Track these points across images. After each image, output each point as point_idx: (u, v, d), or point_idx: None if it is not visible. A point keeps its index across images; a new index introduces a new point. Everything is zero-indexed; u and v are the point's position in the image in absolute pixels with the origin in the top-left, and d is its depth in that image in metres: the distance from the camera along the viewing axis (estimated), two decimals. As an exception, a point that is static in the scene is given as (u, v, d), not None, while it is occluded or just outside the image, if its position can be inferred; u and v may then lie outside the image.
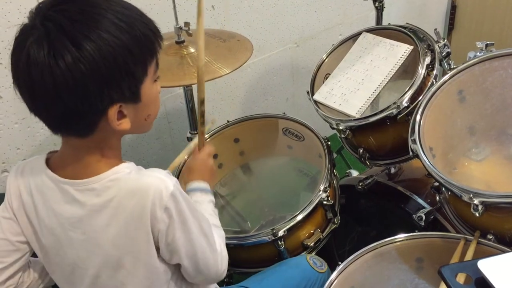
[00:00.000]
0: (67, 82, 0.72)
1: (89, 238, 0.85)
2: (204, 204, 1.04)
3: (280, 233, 1.23)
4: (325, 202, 1.30)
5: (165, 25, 1.72)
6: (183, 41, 1.42)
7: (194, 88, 1.51)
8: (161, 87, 1.37)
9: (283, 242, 1.25)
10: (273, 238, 1.23)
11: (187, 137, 1.67)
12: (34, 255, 0.96)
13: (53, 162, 0.87)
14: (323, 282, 1.17)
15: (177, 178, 1.40)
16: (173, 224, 0.84)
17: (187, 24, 1.40)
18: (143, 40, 0.79)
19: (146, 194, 0.80)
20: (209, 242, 0.92)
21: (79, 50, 0.71)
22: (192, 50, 1.41)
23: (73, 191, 0.83)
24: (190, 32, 1.39)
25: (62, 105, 0.74)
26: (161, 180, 0.82)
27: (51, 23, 0.72)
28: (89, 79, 0.73)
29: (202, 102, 1.12)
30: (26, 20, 0.76)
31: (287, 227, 1.24)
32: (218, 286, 1.12)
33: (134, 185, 0.81)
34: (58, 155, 0.88)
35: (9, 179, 0.89)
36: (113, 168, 0.83)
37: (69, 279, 0.92)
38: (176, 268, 0.93)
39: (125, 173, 0.83)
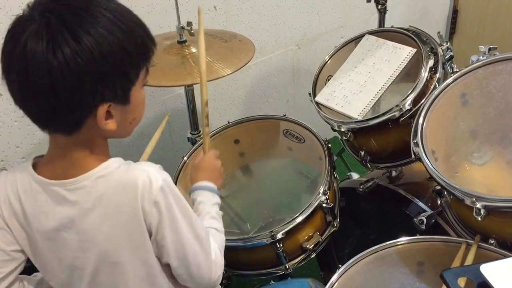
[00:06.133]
0: (63, 75, 0.72)
1: (83, 238, 0.84)
2: (208, 205, 1.03)
3: (279, 236, 1.22)
4: (324, 205, 1.29)
5: (167, 25, 1.72)
6: (185, 41, 1.42)
7: (196, 88, 1.51)
8: (163, 86, 1.38)
9: (281, 245, 1.24)
10: (271, 240, 1.22)
11: (188, 137, 1.67)
12: (29, 272, 0.95)
13: (40, 166, 0.86)
14: None
15: (177, 177, 1.40)
16: (163, 221, 0.83)
17: (189, 23, 1.39)
18: (140, 45, 0.80)
19: (135, 187, 0.80)
20: (203, 246, 0.90)
21: (78, 44, 0.72)
22: (194, 50, 1.41)
23: (63, 192, 0.82)
24: (192, 31, 1.39)
25: (54, 97, 0.74)
26: (149, 173, 0.81)
27: (52, 15, 0.72)
28: (85, 73, 0.73)
29: (206, 103, 1.15)
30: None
31: (286, 229, 1.23)
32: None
33: (123, 178, 0.82)
34: (45, 158, 0.87)
35: None
36: (102, 163, 0.83)
37: (67, 282, 0.91)
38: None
39: (114, 167, 0.83)
